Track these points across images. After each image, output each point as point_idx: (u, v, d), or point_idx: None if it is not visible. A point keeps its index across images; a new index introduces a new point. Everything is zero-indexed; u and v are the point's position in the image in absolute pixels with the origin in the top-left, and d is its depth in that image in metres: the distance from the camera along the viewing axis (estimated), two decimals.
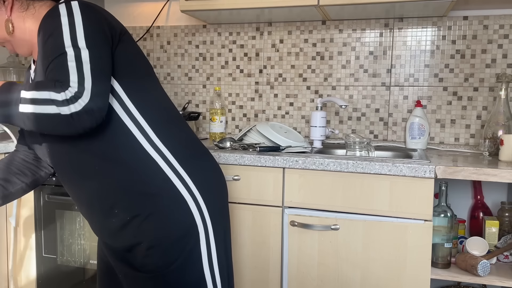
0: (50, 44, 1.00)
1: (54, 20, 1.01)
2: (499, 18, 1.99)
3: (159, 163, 1.08)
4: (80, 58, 0.97)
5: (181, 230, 1.09)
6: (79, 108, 0.94)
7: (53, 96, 0.93)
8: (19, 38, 1.15)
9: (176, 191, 1.09)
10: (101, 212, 1.12)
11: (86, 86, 0.95)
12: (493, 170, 1.46)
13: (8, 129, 1.98)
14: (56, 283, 1.94)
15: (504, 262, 1.69)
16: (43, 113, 0.94)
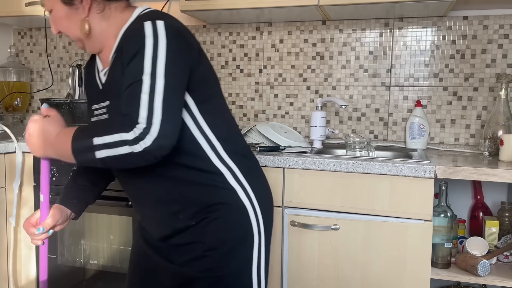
0: (131, 66, 1.02)
1: (139, 40, 1.02)
2: (499, 18, 1.99)
3: (226, 175, 1.14)
4: (154, 89, 0.98)
5: (240, 237, 1.15)
6: (149, 143, 0.95)
7: (124, 137, 0.96)
8: (93, 38, 1.16)
9: (240, 202, 1.15)
10: (165, 216, 1.16)
11: (154, 121, 0.96)
12: (493, 170, 1.46)
13: (8, 129, 1.99)
14: (56, 283, 1.94)
15: (504, 262, 1.69)
16: (118, 155, 0.97)
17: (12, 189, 1.95)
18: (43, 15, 2.17)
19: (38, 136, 1.07)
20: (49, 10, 1.17)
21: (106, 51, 1.17)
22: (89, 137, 0.99)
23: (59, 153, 1.05)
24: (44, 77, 2.66)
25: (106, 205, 1.83)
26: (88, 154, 0.99)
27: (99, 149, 0.97)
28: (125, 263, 1.83)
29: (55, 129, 1.06)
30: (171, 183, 1.12)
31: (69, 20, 1.14)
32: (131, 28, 1.09)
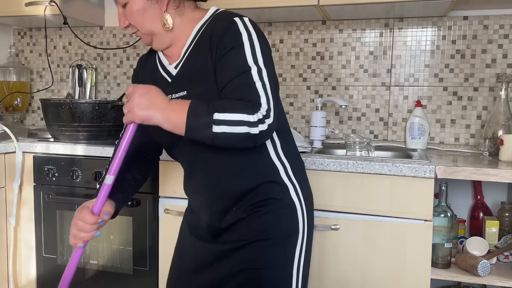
0: (232, 59, 1.07)
1: (235, 34, 1.09)
2: (499, 18, 1.99)
3: (281, 172, 1.18)
4: (263, 78, 1.06)
5: (287, 233, 1.17)
6: (265, 127, 1.03)
7: (245, 118, 1.01)
8: (167, 33, 1.19)
9: (290, 199, 1.18)
10: (220, 210, 1.19)
11: (270, 106, 1.05)
12: (493, 170, 1.46)
13: (8, 129, 1.99)
14: (56, 283, 1.94)
15: (504, 262, 1.69)
16: (234, 133, 1.01)
17: (12, 189, 1.95)
18: (43, 15, 2.17)
19: (150, 97, 1.03)
20: (123, 4, 1.17)
21: (176, 46, 1.20)
22: (209, 111, 1.01)
23: (169, 119, 1.02)
24: (44, 77, 2.66)
25: None
26: (204, 127, 1.00)
27: (218, 124, 1.00)
28: (125, 263, 1.83)
29: (165, 97, 1.05)
30: (231, 178, 1.16)
31: (144, 14, 1.16)
32: (219, 24, 1.13)
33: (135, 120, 1.04)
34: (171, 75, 1.22)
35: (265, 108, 1.04)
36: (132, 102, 1.02)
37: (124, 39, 2.50)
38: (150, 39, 1.21)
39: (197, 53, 1.15)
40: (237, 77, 1.06)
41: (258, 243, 1.15)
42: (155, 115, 1.03)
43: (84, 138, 1.94)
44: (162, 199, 1.77)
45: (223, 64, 1.08)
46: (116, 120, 1.98)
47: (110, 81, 2.55)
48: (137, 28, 1.19)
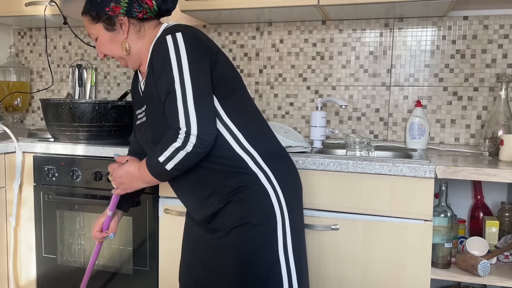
0: (162, 80, 1.23)
1: (164, 54, 1.23)
2: (499, 18, 1.99)
3: (248, 162, 1.28)
4: (185, 95, 1.19)
5: (261, 217, 1.27)
6: (194, 141, 1.18)
7: (175, 146, 1.20)
8: (132, 56, 1.37)
9: (261, 185, 1.28)
10: (200, 201, 1.33)
11: (191, 122, 1.18)
12: (493, 170, 1.46)
13: (8, 129, 1.99)
14: (56, 283, 1.94)
15: (504, 262, 1.69)
16: (179, 160, 1.21)
17: (12, 189, 1.95)
18: (43, 15, 2.17)
19: (127, 177, 1.35)
20: (95, 38, 1.38)
21: (143, 65, 1.38)
22: (156, 159, 1.23)
23: (146, 181, 1.33)
24: (44, 77, 2.66)
25: (106, 205, 1.83)
26: (162, 171, 1.24)
27: (166, 163, 1.22)
28: (125, 263, 1.83)
29: (135, 167, 1.33)
30: (201, 172, 1.28)
31: (112, 43, 1.36)
32: (156, 43, 1.28)
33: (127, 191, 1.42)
34: (142, 91, 1.40)
35: (184, 130, 1.18)
36: (117, 183, 1.40)
37: None
38: (125, 62, 1.40)
39: (150, 72, 1.30)
40: (165, 100, 1.23)
41: (238, 228, 1.26)
42: (138, 184, 1.36)
43: (84, 138, 1.94)
44: (162, 199, 1.77)
45: (158, 85, 1.25)
46: (116, 120, 1.98)
47: (110, 81, 2.55)
48: (111, 56, 1.39)
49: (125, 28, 1.33)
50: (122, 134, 2.05)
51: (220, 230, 1.30)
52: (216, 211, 1.30)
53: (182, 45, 1.22)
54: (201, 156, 1.22)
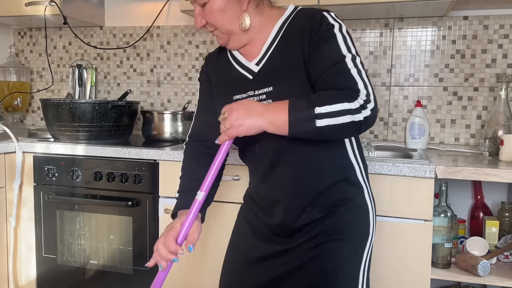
0: (326, 50, 1.08)
1: (328, 27, 1.09)
2: (499, 18, 1.99)
3: (357, 171, 1.17)
4: (357, 65, 1.07)
5: (361, 236, 1.17)
6: (369, 113, 1.03)
7: (347, 107, 1.01)
8: (244, 33, 1.18)
9: (364, 200, 1.18)
10: (297, 209, 1.16)
11: (369, 91, 1.05)
12: (493, 170, 1.46)
13: (8, 129, 1.99)
14: (56, 283, 1.94)
15: (504, 262, 1.69)
16: (338, 124, 1.01)
17: (12, 189, 1.95)
18: (43, 15, 2.17)
19: (246, 107, 1.05)
20: (203, 3, 1.15)
21: (255, 44, 1.20)
22: (309, 106, 1.01)
23: (271, 121, 1.03)
24: (44, 77, 2.66)
25: (106, 205, 1.84)
26: (307, 123, 1.01)
27: (321, 118, 1.00)
28: (125, 263, 1.83)
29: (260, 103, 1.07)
30: (311, 175, 1.14)
31: (224, 13, 1.15)
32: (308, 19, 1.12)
33: (240, 133, 1.05)
34: (252, 72, 1.19)
35: (364, 93, 1.03)
36: (231, 118, 1.04)
37: (124, 39, 2.50)
38: (228, 39, 1.19)
39: (284, 49, 1.15)
40: (332, 67, 1.06)
41: (331, 244, 1.14)
42: (258, 121, 1.04)
43: (84, 138, 1.94)
44: (162, 199, 1.77)
45: (317, 57, 1.09)
46: (116, 120, 1.98)
47: (110, 81, 2.55)
48: (215, 27, 1.18)
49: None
50: (122, 134, 2.05)
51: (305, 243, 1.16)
52: (310, 221, 1.16)
53: (341, 22, 1.12)
54: (358, 133, 1.06)
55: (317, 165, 1.14)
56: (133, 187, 1.80)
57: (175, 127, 2.08)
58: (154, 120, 2.08)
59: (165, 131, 2.07)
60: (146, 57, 2.47)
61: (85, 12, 2.36)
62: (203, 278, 1.75)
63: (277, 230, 1.20)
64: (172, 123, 2.08)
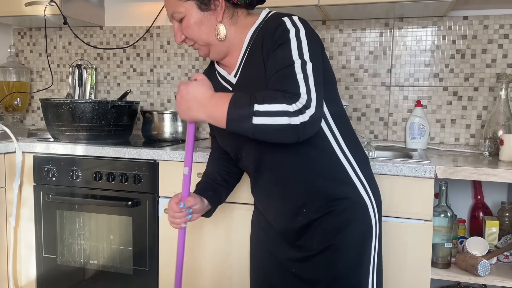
0: (279, 55, 1.08)
1: (283, 32, 1.10)
2: (499, 18, 1.99)
3: (348, 170, 1.18)
4: (306, 71, 1.06)
5: (362, 234, 1.18)
6: (307, 118, 1.01)
7: (285, 108, 1.00)
8: (223, 43, 1.21)
9: (361, 197, 1.18)
10: (290, 210, 1.20)
11: (312, 97, 1.03)
12: (493, 170, 1.46)
13: (8, 129, 1.99)
14: (56, 283, 1.94)
15: (504, 262, 1.69)
16: (275, 124, 1.01)
17: (12, 189, 1.95)
18: (43, 15, 2.17)
19: (191, 97, 1.09)
20: (180, 19, 1.20)
21: (233, 55, 1.23)
22: (249, 103, 1.02)
23: (211, 115, 1.07)
24: (44, 77, 2.66)
25: (106, 205, 1.84)
26: (244, 120, 1.02)
27: (258, 116, 1.01)
28: (125, 263, 1.83)
29: (207, 91, 1.09)
30: (298, 176, 1.16)
31: (201, 26, 1.19)
32: (269, 26, 1.14)
33: (186, 120, 1.14)
34: (232, 84, 1.23)
35: (305, 98, 1.02)
36: (178, 104, 1.11)
37: (124, 39, 2.50)
38: (208, 50, 1.23)
39: (252, 59, 1.17)
40: (279, 71, 1.07)
41: (336, 246, 1.16)
42: (199, 113, 1.09)
43: (84, 138, 1.94)
44: (162, 199, 1.77)
45: (270, 62, 1.11)
46: (116, 120, 1.98)
47: (110, 81, 2.55)
48: (194, 41, 1.22)
49: (220, 10, 1.18)
50: (122, 134, 2.05)
51: (311, 247, 1.19)
52: (308, 223, 1.19)
53: (301, 26, 1.11)
54: (295, 139, 1.04)
55: (301, 167, 1.16)
56: (133, 187, 1.80)
57: (175, 127, 2.08)
58: (154, 120, 2.08)
59: (165, 131, 2.07)
60: (146, 57, 2.47)
61: (85, 12, 2.36)
62: (203, 279, 1.75)
63: (280, 235, 1.26)
64: (172, 123, 2.08)
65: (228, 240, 1.70)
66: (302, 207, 1.18)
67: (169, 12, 1.21)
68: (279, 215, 1.23)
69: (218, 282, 1.73)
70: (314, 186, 1.16)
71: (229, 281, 1.71)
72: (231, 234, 1.69)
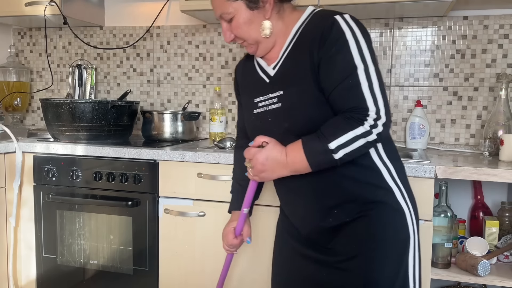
0: (338, 60, 1.07)
1: (338, 34, 1.08)
2: (499, 18, 1.99)
3: (384, 174, 1.15)
4: (370, 77, 1.06)
5: (397, 240, 1.13)
6: (381, 129, 1.05)
7: (358, 132, 1.04)
8: (270, 38, 1.20)
9: (397, 202, 1.14)
10: (320, 211, 1.17)
11: (379, 106, 1.05)
12: (493, 170, 1.46)
13: (8, 129, 1.99)
14: (56, 283, 1.94)
15: (504, 262, 1.69)
16: (355, 149, 1.05)
17: (12, 189, 1.95)
18: (43, 15, 2.17)
19: (271, 161, 1.12)
20: (229, 19, 1.20)
21: (275, 49, 1.22)
22: (323, 145, 1.05)
23: (295, 170, 1.11)
24: (44, 77, 2.66)
25: (106, 205, 1.84)
26: (327, 160, 1.06)
27: (337, 151, 1.04)
28: (125, 263, 1.83)
29: (282, 151, 1.12)
30: (333, 177, 1.13)
31: (250, 24, 1.18)
32: (319, 23, 1.12)
33: (265, 180, 1.20)
34: (269, 76, 1.22)
35: (374, 111, 1.04)
36: (257, 171, 1.14)
37: (124, 39, 2.50)
38: (256, 47, 1.22)
39: (296, 54, 1.16)
40: (343, 82, 1.06)
41: (369, 254, 1.11)
42: (282, 173, 1.13)
43: (84, 138, 1.94)
44: (162, 199, 1.77)
45: (329, 68, 1.09)
46: (116, 120, 1.98)
47: (110, 81, 2.55)
48: (243, 39, 1.21)
49: (269, 7, 1.17)
50: (122, 134, 2.05)
51: (340, 251, 1.15)
52: (338, 225, 1.15)
53: (354, 26, 1.09)
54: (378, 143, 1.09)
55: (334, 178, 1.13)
56: (133, 187, 1.80)
57: (175, 127, 2.08)
58: (154, 120, 2.08)
59: (165, 131, 2.07)
60: (146, 57, 2.47)
61: (85, 12, 2.36)
62: (203, 279, 1.75)
63: (310, 235, 1.22)
64: (172, 123, 2.08)
65: None
66: (334, 208, 1.14)
67: (218, 13, 1.21)
68: (308, 217, 1.20)
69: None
70: (348, 188, 1.13)
71: (229, 281, 1.71)
72: None
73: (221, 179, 1.69)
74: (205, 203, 1.73)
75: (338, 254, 1.15)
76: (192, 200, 1.74)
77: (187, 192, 1.74)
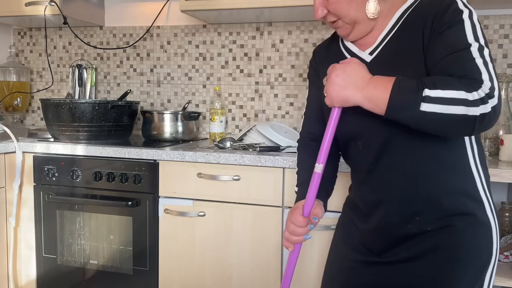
0: (449, 35, 0.96)
1: (456, 13, 0.97)
2: (499, 18, 1.99)
3: (477, 183, 1.03)
4: (484, 56, 0.93)
5: (481, 258, 1.02)
6: (488, 109, 0.88)
7: (463, 96, 0.87)
8: (369, 22, 1.07)
9: (486, 217, 1.03)
10: (401, 215, 1.05)
11: (494, 85, 0.91)
12: (493, 170, 1.45)
13: (8, 129, 1.99)
14: (56, 283, 1.94)
15: (504, 262, 1.69)
16: (447, 114, 0.88)
17: (12, 189, 1.95)
18: (43, 15, 2.17)
19: (348, 77, 0.96)
20: None
21: (373, 34, 1.10)
22: (419, 88, 0.89)
23: (370, 98, 0.94)
24: (44, 77, 2.66)
25: (106, 205, 1.84)
26: (409, 106, 0.89)
27: (428, 102, 0.88)
28: (125, 263, 1.83)
29: (367, 73, 0.96)
30: (422, 179, 1.01)
31: (351, 1, 1.05)
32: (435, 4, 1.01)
33: (334, 104, 0.99)
34: (364, 62, 1.08)
35: (488, 86, 0.90)
36: (330, 83, 0.97)
37: (124, 39, 2.50)
38: (351, 29, 1.09)
39: (403, 37, 1.04)
40: (452, 54, 0.93)
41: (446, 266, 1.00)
42: (353, 95, 0.96)
43: (84, 138, 1.94)
44: (162, 199, 1.77)
45: (437, 43, 0.97)
46: (116, 120, 1.98)
47: (110, 81, 2.55)
48: (338, 17, 1.08)
49: None
50: (122, 134, 2.05)
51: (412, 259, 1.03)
52: (415, 232, 1.03)
53: (472, 9, 0.99)
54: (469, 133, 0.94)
55: (432, 165, 1.01)
56: (133, 187, 1.80)
57: (175, 127, 2.08)
58: (154, 120, 2.08)
59: (165, 131, 2.08)
60: (146, 57, 2.47)
61: (85, 12, 2.36)
62: (203, 279, 1.75)
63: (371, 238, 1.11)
64: (172, 123, 2.08)
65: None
66: (416, 215, 1.02)
67: None
68: (388, 218, 1.06)
69: (218, 282, 1.73)
70: (436, 193, 1.01)
71: (229, 280, 1.71)
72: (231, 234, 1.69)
73: (221, 179, 1.69)
74: (205, 203, 1.73)
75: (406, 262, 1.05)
76: (192, 200, 1.74)
77: (187, 192, 1.74)
